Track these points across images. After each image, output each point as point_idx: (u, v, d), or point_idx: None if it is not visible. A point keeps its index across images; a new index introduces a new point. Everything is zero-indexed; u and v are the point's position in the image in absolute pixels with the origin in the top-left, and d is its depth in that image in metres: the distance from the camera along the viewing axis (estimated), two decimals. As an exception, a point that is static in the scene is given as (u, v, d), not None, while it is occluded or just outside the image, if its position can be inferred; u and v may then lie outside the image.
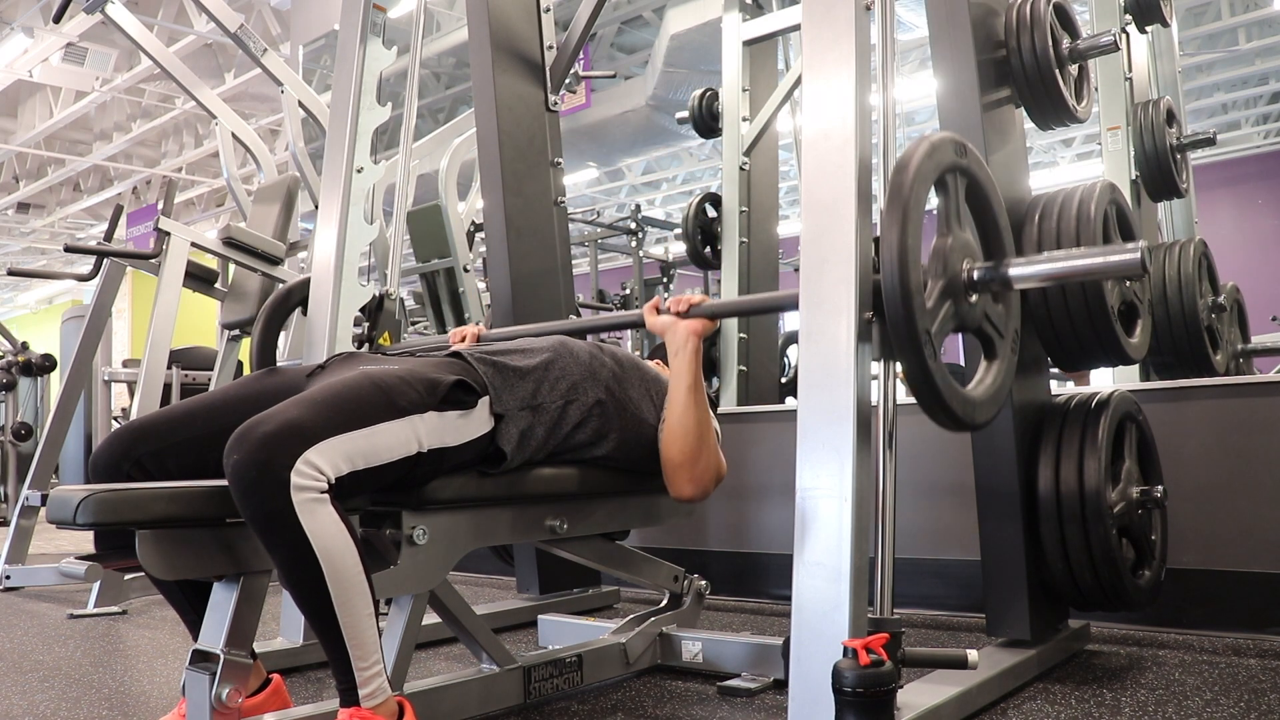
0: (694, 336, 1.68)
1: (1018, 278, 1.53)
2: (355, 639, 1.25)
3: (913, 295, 1.36)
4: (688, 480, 1.64)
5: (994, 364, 1.58)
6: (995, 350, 1.59)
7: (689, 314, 1.71)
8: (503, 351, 1.62)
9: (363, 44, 2.55)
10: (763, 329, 4.14)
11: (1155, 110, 3.23)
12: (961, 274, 1.50)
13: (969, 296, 1.51)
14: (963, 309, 1.50)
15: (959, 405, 1.46)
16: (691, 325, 1.69)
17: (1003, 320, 1.60)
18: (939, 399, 1.43)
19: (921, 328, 1.37)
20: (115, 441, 1.47)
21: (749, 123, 4.12)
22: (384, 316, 2.40)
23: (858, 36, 1.50)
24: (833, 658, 1.31)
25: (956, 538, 2.51)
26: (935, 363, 1.40)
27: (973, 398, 1.51)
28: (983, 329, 1.56)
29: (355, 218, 2.43)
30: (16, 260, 14.19)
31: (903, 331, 1.37)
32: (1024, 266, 1.53)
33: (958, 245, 1.51)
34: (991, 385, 1.56)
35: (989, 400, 1.54)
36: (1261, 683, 1.78)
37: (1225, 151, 9.66)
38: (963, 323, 1.51)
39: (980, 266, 1.52)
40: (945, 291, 1.47)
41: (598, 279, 7.62)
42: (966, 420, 1.49)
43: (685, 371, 1.66)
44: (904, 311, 1.36)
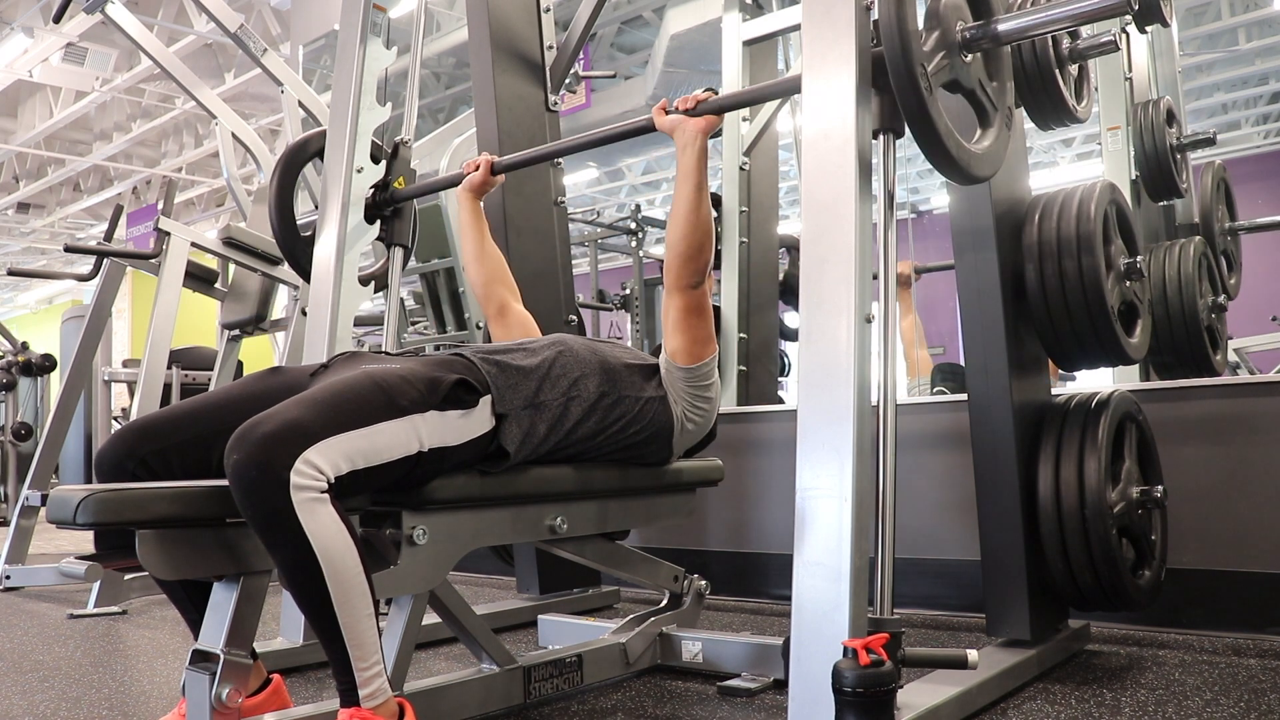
0: (701, 133, 1.74)
1: (1006, 32, 1.60)
2: (355, 639, 1.25)
3: (911, 40, 1.42)
4: (694, 271, 1.70)
5: (989, 130, 1.66)
6: (989, 119, 1.67)
7: (696, 111, 1.76)
8: (505, 350, 1.62)
9: (363, 44, 2.55)
10: (763, 329, 4.13)
11: (1155, 110, 3.23)
12: (955, 32, 1.56)
13: (963, 55, 1.57)
14: (957, 65, 1.56)
15: (956, 148, 1.51)
16: (698, 123, 1.75)
17: (996, 94, 1.67)
18: (938, 138, 1.47)
19: (918, 62, 1.43)
20: (119, 441, 1.47)
21: (749, 123, 4.11)
22: (399, 162, 2.49)
23: (858, 36, 1.50)
24: (833, 658, 1.31)
25: (956, 538, 2.51)
26: (933, 99, 1.45)
27: (970, 148, 1.57)
28: (976, 95, 1.63)
29: (355, 218, 2.43)
30: (16, 260, 14.18)
31: (903, 71, 1.42)
32: (1012, 20, 1.60)
33: (950, 5, 1.57)
34: (988, 146, 1.63)
35: (985, 157, 1.61)
36: (1261, 683, 1.78)
37: (1225, 151, 9.65)
38: (958, 79, 1.57)
39: (971, 25, 1.59)
40: (940, 43, 1.53)
41: (598, 279, 7.62)
42: (964, 165, 1.54)
43: (692, 169, 1.72)
44: (903, 52, 1.41)
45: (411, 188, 2.47)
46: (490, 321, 2.11)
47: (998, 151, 1.65)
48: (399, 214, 2.48)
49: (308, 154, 2.62)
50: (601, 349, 1.72)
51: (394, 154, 2.49)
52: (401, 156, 2.49)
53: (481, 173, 2.13)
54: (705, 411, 1.77)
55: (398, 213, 2.47)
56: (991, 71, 1.67)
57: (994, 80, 1.67)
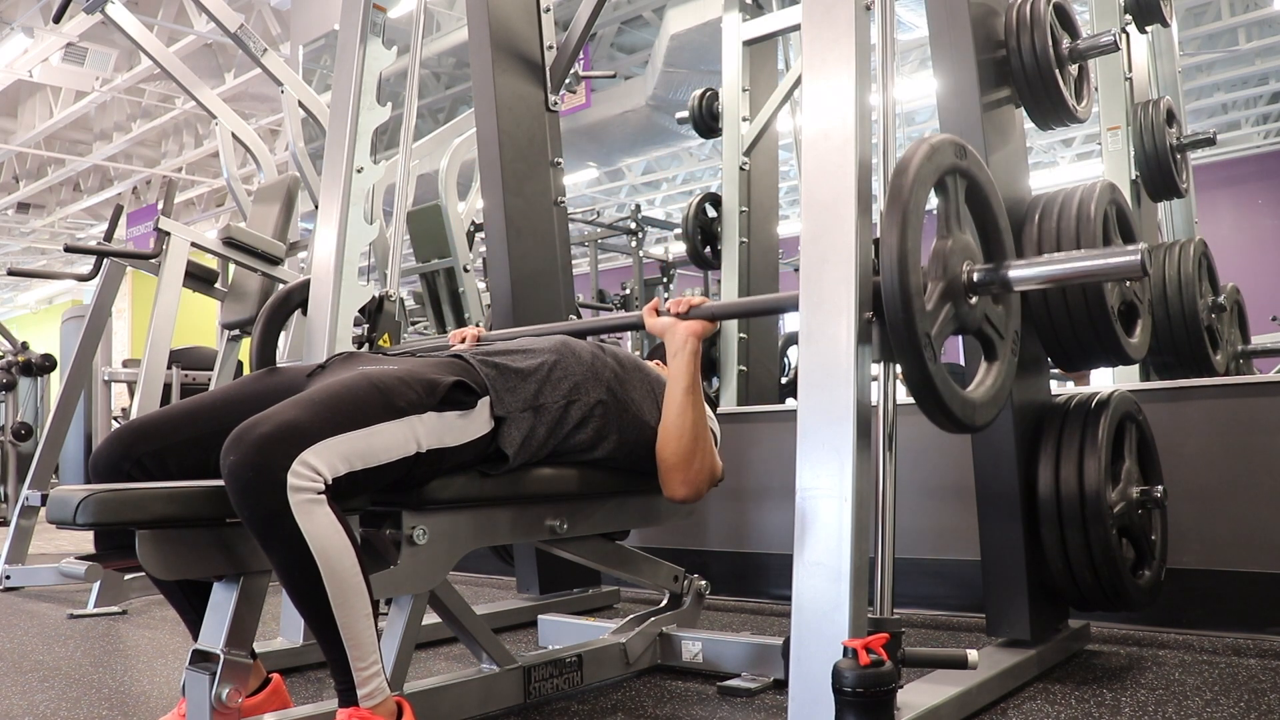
0: (693, 338, 1.69)
1: (1018, 279, 1.53)
2: (353, 639, 1.25)
3: (912, 298, 1.36)
4: (681, 482, 1.65)
5: (994, 365, 1.59)
6: (995, 351, 1.59)
7: (688, 315, 1.72)
8: (504, 352, 1.62)
9: (363, 44, 2.55)
10: (763, 329, 4.13)
11: (1155, 110, 3.23)
12: (961, 276, 1.50)
13: (969, 298, 1.51)
14: (962, 311, 1.50)
15: (959, 407, 1.46)
16: (691, 327, 1.70)
17: (1003, 322, 1.60)
18: (939, 402, 1.43)
19: (921, 330, 1.38)
20: (116, 441, 1.47)
21: (749, 123, 4.12)
22: (384, 318, 2.42)
23: (858, 36, 1.50)
24: (833, 658, 1.31)
25: (956, 538, 2.51)
26: (935, 365, 1.40)
27: (973, 399, 1.51)
28: (983, 330, 1.56)
29: (355, 218, 2.43)
30: (16, 260, 14.18)
31: (903, 334, 1.37)
32: (1024, 269, 1.53)
33: (957, 247, 1.51)
34: (992, 387, 1.56)
35: (989, 402, 1.54)
36: (1261, 683, 1.78)
37: (1225, 151, 9.66)
38: (963, 324, 1.51)
39: (980, 268, 1.53)
40: (945, 294, 1.47)
41: (598, 279, 7.62)
42: (967, 422, 1.49)
43: (683, 373, 1.66)
44: (904, 314, 1.36)
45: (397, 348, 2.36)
46: None
47: (1004, 386, 1.59)
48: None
49: (289, 308, 2.50)
50: (604, 354, 1.71)
51: (378, 309, 2.42)
52: (386, 311, 2.42)
53: (468, 345, 1.96)
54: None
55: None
56: (999, 301, 1.60)
57: (999, 305, 1.60)
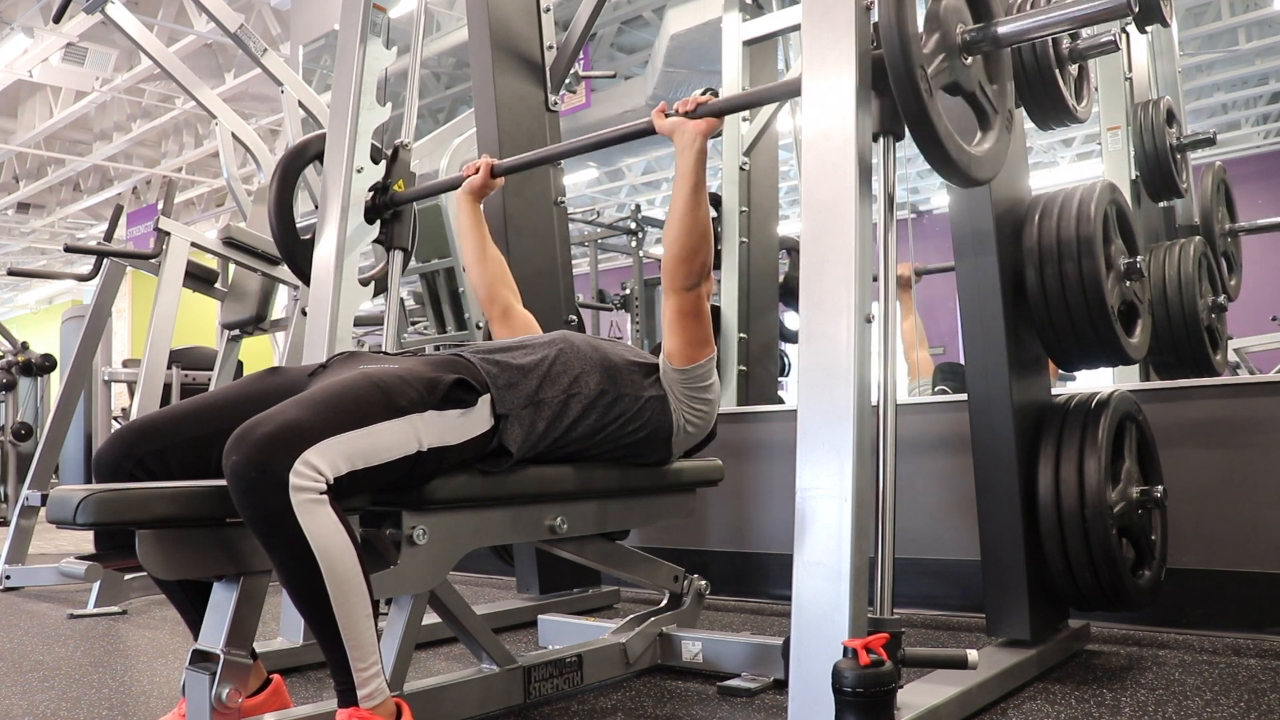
0: (700, 137, 1.74)
1: (1006, 35, 1.59)
2: (353, 640, 1.25)
3: (911, 42, 1.41)
4: (689, 272, 1.69)
5: (989, 133, 1.65)
6: (990, 122, 1.66)
7: (696, 113, 1.76)
8: (504, 349, 1.62)
9: (363, 44, 2.55)
10: (763, 329, 4.13)
11: (1155, 110, 3.23)
12: (955, 34, 1.55)
13: (963, 58, 1.56)
14: (957, 67, 1.55)
15: (956, 150, 1.51)
16: (698, 125, 1.75)
17: (997, 96, 1.67)
18: (938, 140, 1.47)
19: (918, 64, 1.42)
20: (118, 441, 1.47)
21: (749, 123, 4.11)
22: (399, 165, 2.49)
23: (858, 36, 1.50)
24: (833, 658, 1.31)
25: (956, 538, 2.51)
26: (934, 102, 1.45)
27: (970, 151, 1.56)
28: (976, 97, 1.62)
29: (355, 218, 2.43)
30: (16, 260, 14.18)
31: (903, 74, 1.41)
32: (1012, 23, 1.59)
33: (950, 7, 1.56)
34: (988, 149, 1.62)
35: (986, 159, 1.60)
36: (1261, 683, 1.78)
37: (1225, 151, 9.65)
38: (958, 81, 1.56)
39: (972, 28, 1.58)
40: (940, 45, 1.52)
41: (598, 279, 7.62)
42: (964, 167, 1.54)
43: (690, 170, 1.71)
44: (903, 55, 1.40)
45: (411, 190, 2.47)
46: (493, 323, 2.11)
47: (998, 153, 1.65)
48: (399, 217, 2.48)
49: (307, 157, 2.62)
50: (603, 346, 1.72)
51: (394, 157, 2.49)
52: (401, 159, 2.49)
53: (481, 175, 2.13)
54: (704, 413, 1.77)
55: (397, 215, 2.48)
56: (992, 74, 1.67)
57: (994, 83, 1.67)
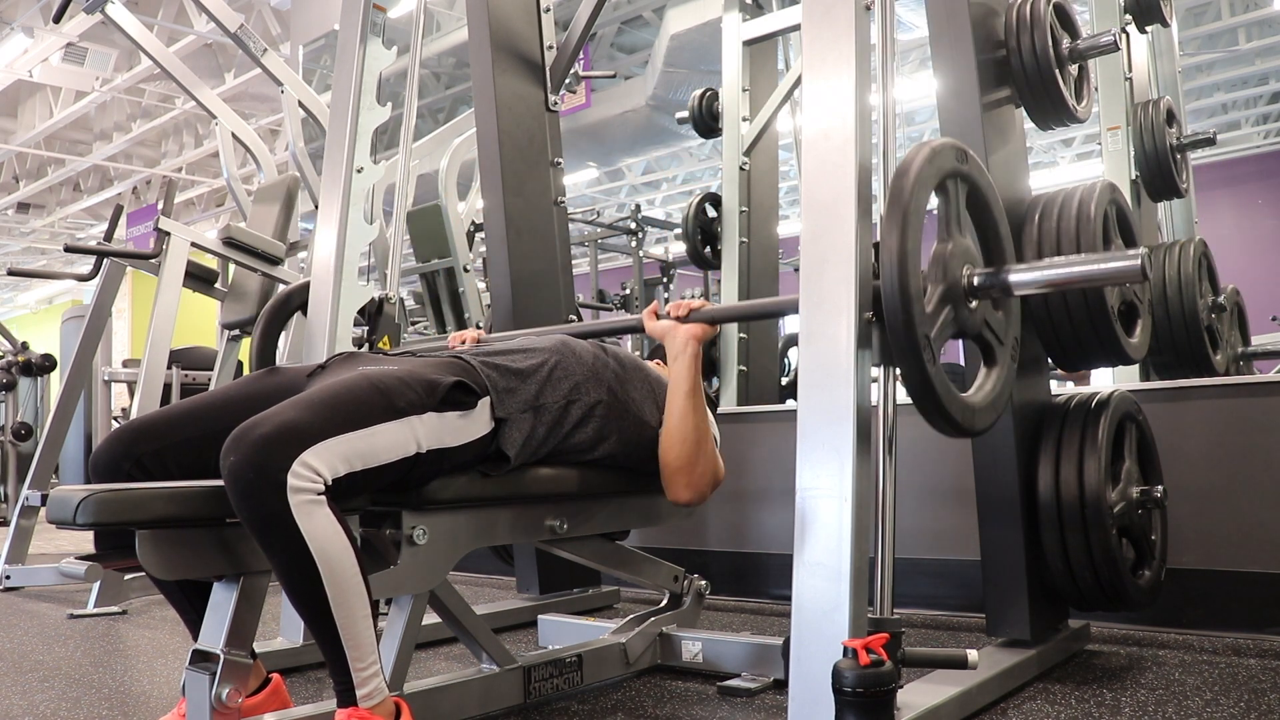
0: (693, 341, 1.69)
1: (1018, 284, 1.54)
2: (352, 640, 1.25)
3: (912, 301, 1.36)
4: (685, 485, 1.65)
5: (994, 370, 1.59)
6: (995, 357, 1.59)
7: (689, 319, 1.72)
8: (504, 352, 1.62)
9: (363, 44, 2.55)
10: (763, 330, 4.13)
11: (1155, 110, 3.23)
12: (961, 280, 1.50)
13: (969, 302, 1.51)
14: (962, 315, 1.50)
15: (958, 411, 1.46)
16: (691, 330, 1.70)
17: (1002, 327, 1.60)
18: (939, 406, 1.43)
19: (921, 333, 1.38)
20: (116, 441, 1.47)
21: (749, 123, 4.12)
22: (383, 320, 2.44)
23: (858, 36, 1.50)
24: (833, 658, 1.31)
25: (956, 538, 2.51)
26: (935, 368, 1.40)
27: (972, 404, 1.51)
28: (982, 335, 1.56)
29: (355, 218, 2.43)
30: (16, 260, 14.18)
31: (902, 337, 1.37)
32: (1024, 273, 1.53)
33: (958, 251, 1.51)
34: (991, 392, 1.56)
35: (988, 407, 1.54)
36: (1261, 683, 1.78)
37: (1225, 151, 9.65)
38: (962, 328, 1.51)
39: (980, 272, 1.53)
40: (945, 297, 1.47)
41: (598, 279, 7.62)
42: (966, 427, 1.49)
43: (684, 377, 1.66)
44: (903, 317, 1.36)
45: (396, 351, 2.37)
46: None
47: (1003, 392, 1.58)
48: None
49: (289, 310, 2.53)
50: (604, 354, 1.71)
51: (378, 311, 2.43)
52: (385, 314, 2.43)
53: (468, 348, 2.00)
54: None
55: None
56: (998, 306, 1.60)
57: (999, 310, 1.60)
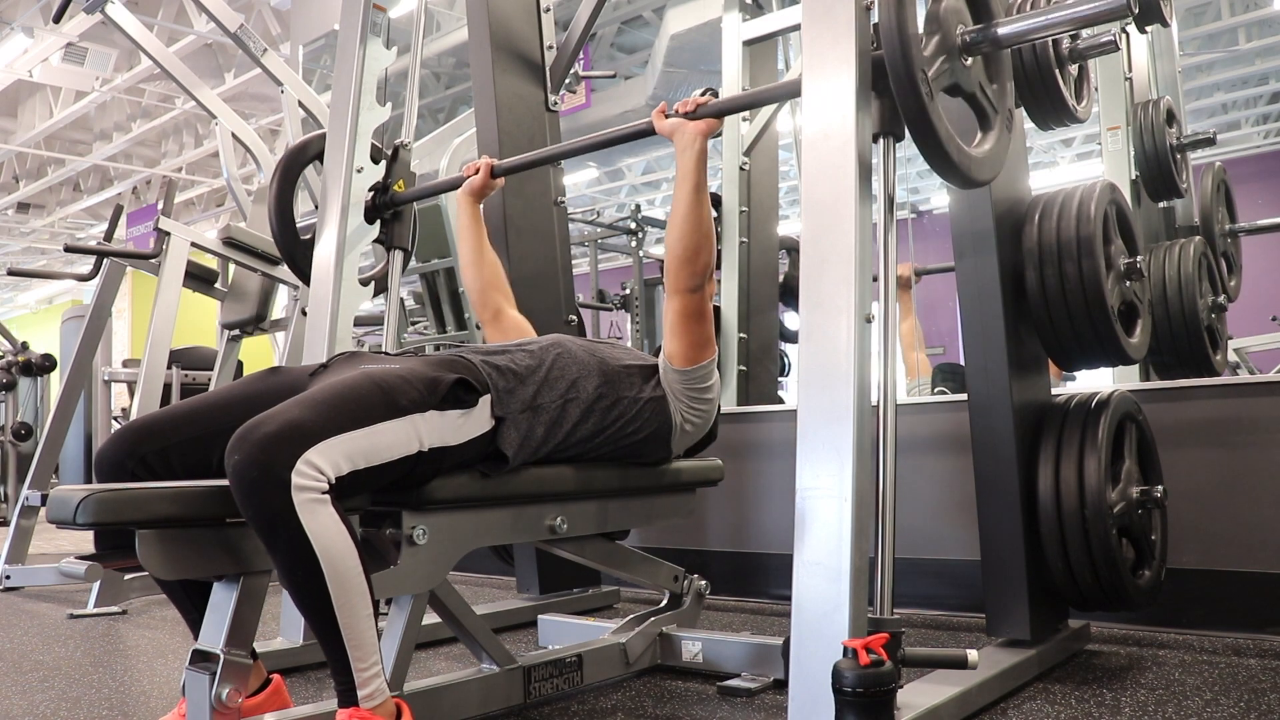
0: (700, 137, 1.74)
1: (1006, 35, 1.59)
2: (354, 639, 1.25)
3: (911, 45, 1.41)
4: (692, 273, 1.68)
5: (989, 133, 1.65)
6: (990, 122, 1.66)
7: (696, 114, 1.76)
8: (503, 351, 1.62)
9: (363, 44, 2.55)
10: (763, 330, 4.13)
11: (1155, 110, 3.23)
12: (955, 36, 1.55)
13: (963, 59, 1.56)
14: (958, 69, 1.55)
15: (957, 152, 1.51)
16: (698, 125, 1.75)
17: (996, 95, 1.66)
18: (939, 142, 1.47)
19: (919, 67, 1.42)
20: (119, 440, 1.47)
21: (749, 123, 4.11)
22: (399, 165, 2.49)
23: (858, 36, 1.50)
24: (833, 658, 1.31)
25: (956, 538, 2.51)
26: (934, 105, 1.45)
27: (971, 153, 1.56)
28: (976, 98, 1.62)
29: (355, 219, 2.44)
30: (16, 260, 14.18)
31: (903, 76, 1.41)
32: (1012, 24, 1.59)
33: (950, 9, 1.56)
34: (989, 150, 1.62)
35: (986, 160, 1.60)
36: (1261, 683, 1.78)
37: (1225, 151, 9.65)
38: (958, 83, 1.56)
39: (972, 29, 1.58)
40: (940, 47, 1.52)
41: (598, 279, 7.61)
42: (964, 169, 1.54)
43: (691, 170, 1.71)
44: (903, 56, 1.40)
45: (411, 191, 2.47)
46: (484, 324, 2.11)
47: (998, 154, 1.65)
48: (399, 217, 2.48)
49: (307, 156, 2.62)
50: (599, 349, 1.72)
51: (394, 156, 2.49)
52: (401, 159, 2.49)
53: (481, 176, 2.13)
54: (704, 412, 1.77)
55: (397, 215, 2.48)
56: (992, 74, 1.67)
57: (994, 83, 1.67)
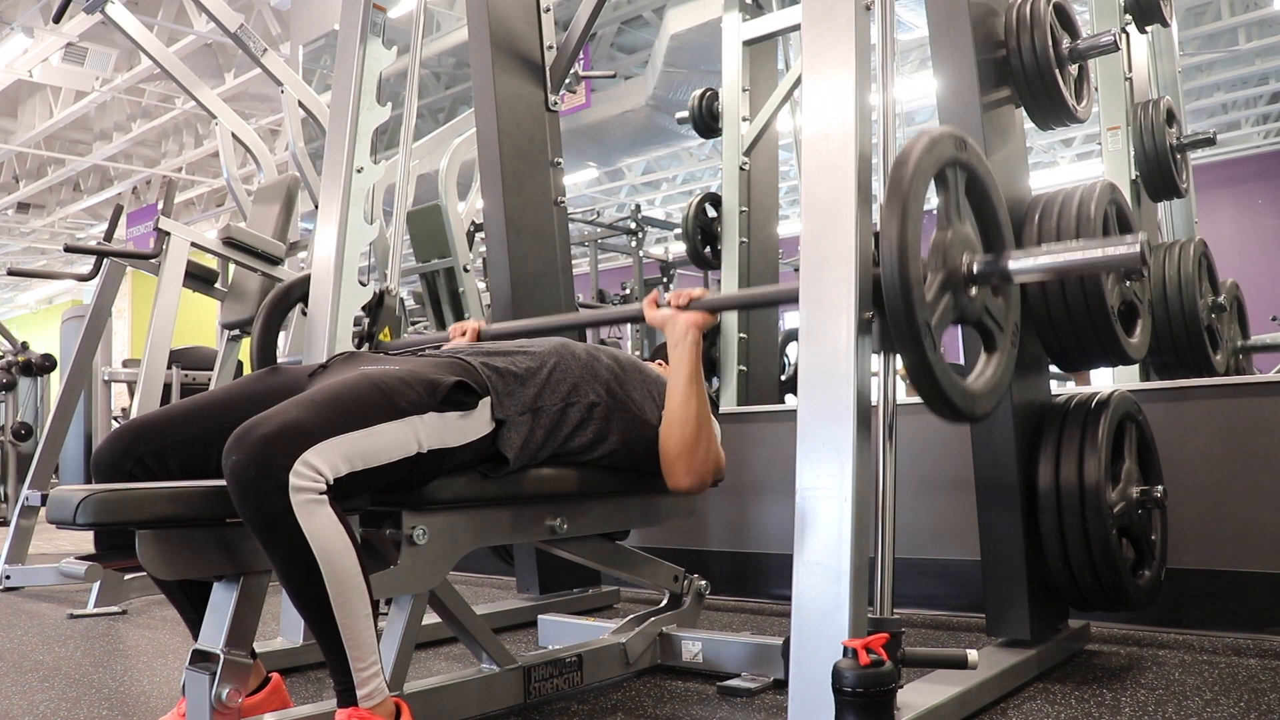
0: (694, 329, 1.69)
1: (1017, 270, 1.54)
2: (353, 640, 1.25)
3: (912, 287, 1.36)
4: (686, 471, 1.64)
5: (994, 356, 1.59)
6: (995, 343, 1.60)
7: (689, 307, 1.72)
8: (503, 354, 1.62)
9: (363, 44, 2.55)
10: (762, 329, 4.13)
11: (1155, 110, 3.23)
12: (961, 267, 1.50)
13: (969, 289, 1.51)
14: (962, 301, 1.50)
15: (959, 397, 1.47)
16: (691, 318, 1.70)
17: (1002, 313, 1.60)
18: (940, 391, 1.43)
19: (922, 319, 1.38)
20: (117, 440, 1.47)
21: (749, 123, 4.12)
22: (384, 313, 2.44)
23: (858, 36, 1.50)
24: (833, 658, 1.31)
25: (956, 538, 2.51)
26: (935, 354, 1.41)
27: (973, 390, 1.51)
28: (982, 322, 1.57)
29: (355, 218, 2.43)
30: (16, 260, 14.19)
31: (903, 323, 1.37)
32: (1023, 259, 1.54)
33: (957, 238, 1.51)
34: (992, 377, 1.57)
35: (989, 392, 1.55)
36: (1261, 683, 1.78)
37: (1225, 151, 9.66)
38: (962, 315, 1.52)
39: (980, 259, 1.53)
40: (945, 284, 1.48)
41: (598, 279, 7.62)
42: (967, 412, 1.49)
43: (684, 363, 1.66)
44: (904, 303, 1.36)
45: (397, 342, 2.42)
46: None
47: (1003, 378, 1.59)
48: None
49: (289, 303, 2.49)
50: (602, 356, 1.72)
51: (379, 303, 2.44)
52: (386, 305, 2.44)
53: (468, 339, 2.04)
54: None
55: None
56: (998, 293, 1.60)
57: (999, 297, 1.60)
